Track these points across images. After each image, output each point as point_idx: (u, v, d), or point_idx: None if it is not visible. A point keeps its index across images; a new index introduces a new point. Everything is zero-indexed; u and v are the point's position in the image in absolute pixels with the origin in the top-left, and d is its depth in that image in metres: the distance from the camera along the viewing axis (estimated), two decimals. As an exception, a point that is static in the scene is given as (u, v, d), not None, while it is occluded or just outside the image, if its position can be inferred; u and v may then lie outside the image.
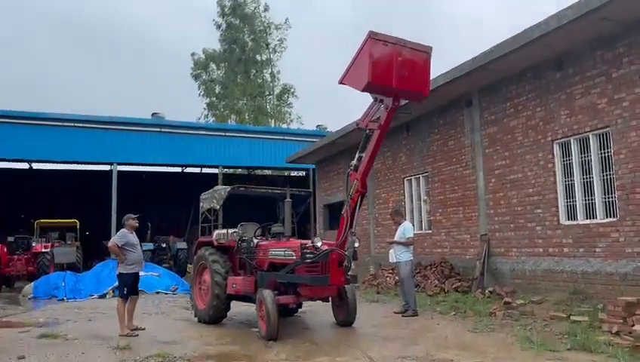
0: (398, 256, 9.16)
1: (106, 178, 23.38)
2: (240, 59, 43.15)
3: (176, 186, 30.65)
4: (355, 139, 17.01)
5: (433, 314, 9.09)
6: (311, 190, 9.63)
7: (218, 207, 9.31)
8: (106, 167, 23.57)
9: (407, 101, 7.74)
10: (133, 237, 8.13)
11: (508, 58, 10.08)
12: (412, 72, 6.49)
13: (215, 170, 26.14)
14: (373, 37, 6.26)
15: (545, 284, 9.97)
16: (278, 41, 44.00)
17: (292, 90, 43.79)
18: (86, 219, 26.37)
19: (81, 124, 23.26)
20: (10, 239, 23.97)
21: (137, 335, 7.82)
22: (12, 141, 22.19)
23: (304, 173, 32.70)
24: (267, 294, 7.33)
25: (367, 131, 7.02)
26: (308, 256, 7.06)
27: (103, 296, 13.79)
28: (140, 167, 27.20)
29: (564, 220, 9.85)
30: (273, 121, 44.85)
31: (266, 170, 36.10)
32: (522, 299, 9.68)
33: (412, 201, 14.99)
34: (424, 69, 6.63)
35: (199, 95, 45.68)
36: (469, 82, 11.62)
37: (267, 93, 44.51)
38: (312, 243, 7.22)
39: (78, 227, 22.33)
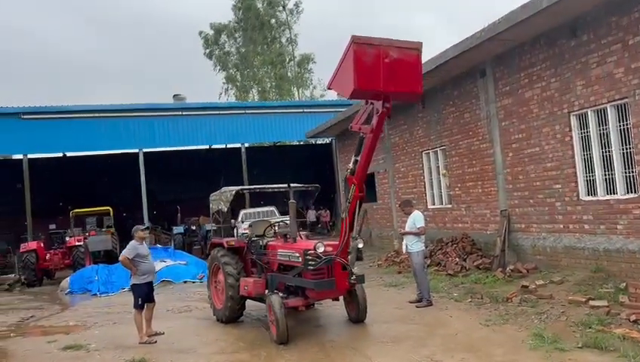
0: (410, 246, 9.04)
1: (135, 162, 23.85)
2: (255, 26, 42.58)
3: (203, 164, 31.01)
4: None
5: (448, 302, 9.00)
6: (318, 185, 9.47)
7: (225, 208, 9.32)
8: (135, 150, 24.01)
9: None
10: (143, 248, 8.25)
11: (517, 28, 9.53)
12: (402, 72, 6.20)
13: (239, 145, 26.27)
14: (356, 41, 5.98)
15: (567, 261, 9.71)
16: (294, 5, 43.06)
17: (312, 57, 43.11)
18: (122, 203, 27.18)
19: (108, 114, 23.71)
20: (52, 228, 24.97)
21: (155, 341, 8.04)
22: (47, 135, 23.03)
23: (330, 140, 32.50)
24: (275, 300, 7.38)
25: (361, 134, 6.82)
26: (310, 263, 7.03)
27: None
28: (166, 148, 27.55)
29: (583, 196, 9.48)
30: (295, 88, 44.52)
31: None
32: (542, 278, 9.48)
33: (431, 175, 14.70)
34: (415, 68, 6.32)
35: (217, 71, 45.51)
36: (479, 53, 11.09)
37: (288, 60, 43.96)
38: (314, 248, 7.17)
39: (112, 214, 22.95)
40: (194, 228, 24.28)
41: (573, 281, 8.90)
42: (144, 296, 8.20)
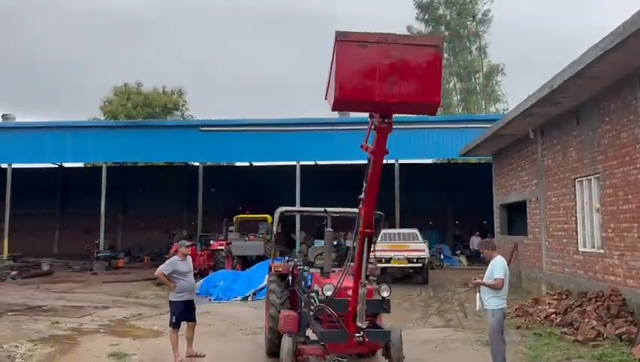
0: (486, 301, 7.02)
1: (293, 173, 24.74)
2: (445, 37, 40.79)
3: (354, 178, 30.79)
4: (516, 128, 14.25)
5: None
6: (381, 212, 8.03)
7: (274, 229, 8.59)
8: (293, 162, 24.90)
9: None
10: (183, 265, 7.99)
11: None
12: (410, 76, 4.62)
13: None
14: (340, 38, 4.61)
15: None
16: (482, 14, 40.12)
17: (501, 68, 39.57)
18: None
19: (271, 128, 25.05)
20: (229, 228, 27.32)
21: (187, 364, 7.71)
22: (221, 146, 25.48)
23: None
24: (286, 344, 6.35)
25: (369, 156, 5.36)
26: (314, 307, 5.86)
27: (245, 299, 14.37)
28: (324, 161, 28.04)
29: None
30: (483, 101, 41.38)
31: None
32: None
33: (583, 209, 11.71)
34: (431, 70, 4.65)
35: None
36: (634, 53, 8.31)
37: (475, 72, 41.13)
38: (321, 289, 5.97)
39: (270, 221, 24.01)
40: (335, 243, 24.00)
41: None
42: (180, 314, 7.92)
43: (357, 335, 5.79)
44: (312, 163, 30.86)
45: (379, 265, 17.80)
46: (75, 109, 64.23)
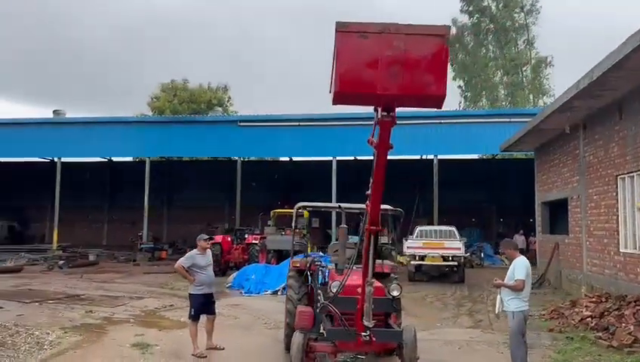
0: (506, 303, 6.73)
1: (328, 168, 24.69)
2: (489, 30, 39.61)
3: (401, 174, 30.56)
4: (556, 123, 13.63)
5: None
6: (401, 209, 7.84)
7: (292, 225, 8.55)
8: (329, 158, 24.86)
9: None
10: (202, 258, 8.06)
11: None
12: (413, 67, 4.44)
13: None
14: (341, 29, 4.46)
15: None
16: (531, 5, 38.60)
17: (549, 60, 37.99)
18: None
19: (308, 123, 25.06)
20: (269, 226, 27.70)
21: (206, 356, 7.81)
22: (259, 140, 25.78)
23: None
24: (296, 340, 6.30)
25: (374, 151, 5.21)
26: (320, 303, 5.79)
27: (275, 293, 14.44)
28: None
29: None
30: (531, 95, 39.90)
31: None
32: None
33: (625, 208, 11.08)
34: (436, 61, 4.43)
35: (453, 79, 43.57)
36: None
37: (523, 65, 39.67)
38: (329, 286, 5.88)
39: (306, 216, 24.07)
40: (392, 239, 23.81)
41: None
42: (198, 306, 8.01)
43: (363, 334, 5.67)
44: (352, 158, 30.75)
45: (412, 262, 17.56)
46: (125, 106, 66.52)
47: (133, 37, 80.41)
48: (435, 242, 17.32)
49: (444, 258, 16.99)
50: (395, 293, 6.20)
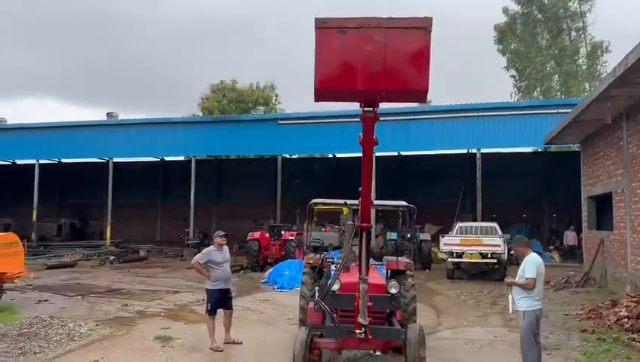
0: (517, 302, 6.50)
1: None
2: (540, 20, 37.94)
3: (445, 169, 30.01)
4: (597, 113, 12.95)
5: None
6: (414, 206, 7.69)
7: (306, 222, 8.60)
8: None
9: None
10: (218, 255, 8.24)
11: None
12: (394, 62, 4.38)
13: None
14: (320, 26, 4.47)
15: None
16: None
17: (605, 46, 35.96)
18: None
19: (345, 119, 24.97)
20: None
21: (222, 350, 8.02)
22: (298, 138, 26.12)
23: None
24: (301, 335, 6.36)
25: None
26: (316, 298, 5.83)
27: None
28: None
29: None
30: (587, 83, 37.90)
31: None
32: None
33: (669, 202, 10.41)
34: (418, 54, 4.34)
35: (506, 69, 42.20)
36: None
37: (575, 54, 37.79)
38: (328, 284, 5.90)
39: (346, 213, 24.08)
40: (408, 235, 23.37)
41: None
42: (215, 302, 8.22)
43: (358, 331, 5.65)
44: (396, 153, 30.46)
45: (450, 259, 17.21)
46: (176, 107, 68.70)
47: (186, 37, 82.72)
48: (473, 239, 16.87)
49: (483, 255, 16.52)
50: (393, 291, 6.14)
